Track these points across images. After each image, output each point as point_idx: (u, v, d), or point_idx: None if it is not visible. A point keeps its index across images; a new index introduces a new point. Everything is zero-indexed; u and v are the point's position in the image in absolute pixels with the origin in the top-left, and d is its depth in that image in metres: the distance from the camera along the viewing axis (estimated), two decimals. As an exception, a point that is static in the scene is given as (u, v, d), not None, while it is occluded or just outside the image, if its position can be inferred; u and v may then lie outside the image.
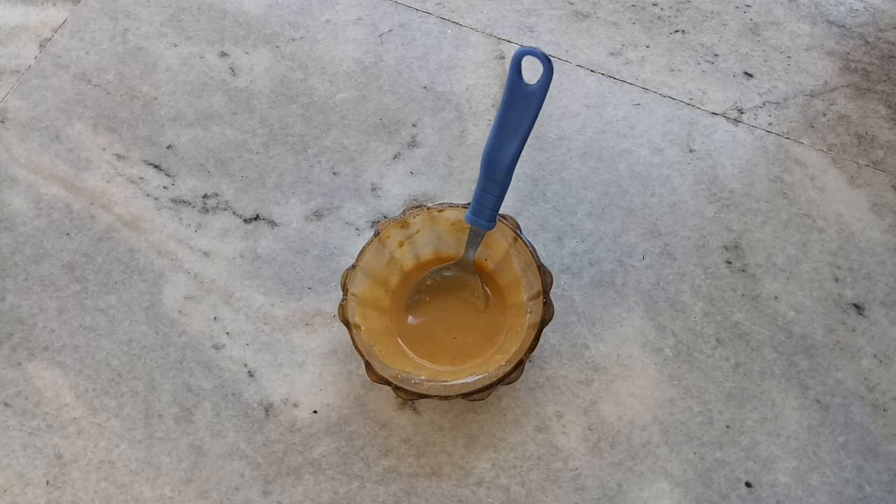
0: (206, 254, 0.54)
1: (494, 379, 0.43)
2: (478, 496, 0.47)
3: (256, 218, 0.56)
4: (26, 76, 0.62)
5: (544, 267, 0.45)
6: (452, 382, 0.45)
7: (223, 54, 0.62)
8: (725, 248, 0.54)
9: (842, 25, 0.63)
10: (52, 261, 0.54)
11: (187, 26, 0.64)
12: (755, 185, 0.56)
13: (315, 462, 0.48)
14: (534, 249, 0.46)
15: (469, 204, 0.46)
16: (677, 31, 0.63)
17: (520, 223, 0.49)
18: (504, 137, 0.43)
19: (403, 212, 0.48)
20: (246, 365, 0.51)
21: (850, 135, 0.58)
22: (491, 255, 0.49)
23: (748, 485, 0.47)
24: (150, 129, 0.59)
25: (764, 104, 0.59)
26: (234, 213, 0.56)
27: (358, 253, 0.47)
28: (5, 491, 0.47)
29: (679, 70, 0.61)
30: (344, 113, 0.60)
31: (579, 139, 0.58)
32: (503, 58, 0.62)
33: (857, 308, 0.52)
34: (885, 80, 0.60)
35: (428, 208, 0.48)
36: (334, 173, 0.57)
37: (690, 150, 0.58)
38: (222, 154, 0.58)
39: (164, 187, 0.57)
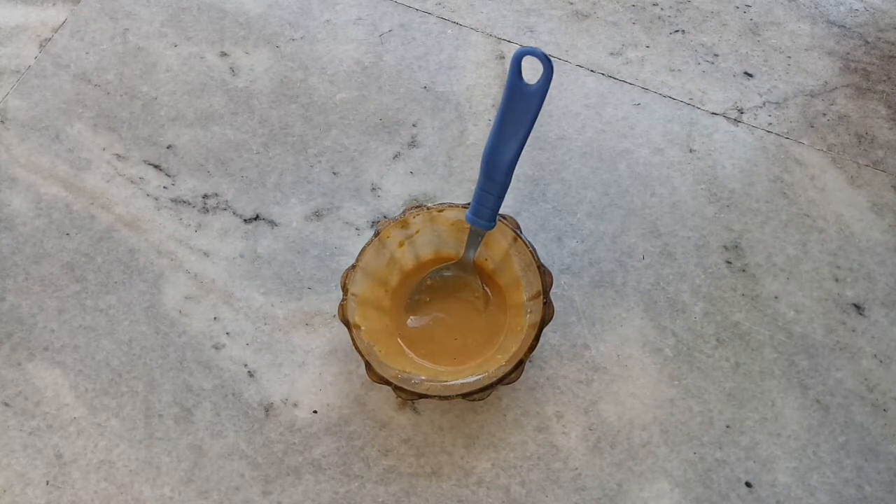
0: (206, 254, 0.54)
1: (494, 379, 0.43)
2: (478, 496, 0.47)
3: (256, 218, 0.56)
4: (26, 76, 0.62)
5: (544, 267, 0.45)
6: (452, 382, 0.45)
7: (223, 54, 0.62)
8: (725, 248, 0.54)
9: (842, 25, 0.63)
10: (52, 261, 0.54)
11: (187, 26, 0.64)
12: (755, 185, 0.56)
13: (315, 462, 0.48)
14: (534, 249, 0.46)
15: (469, 204, 0.46)
16: (677, 31, 0.63)
17: (520, 223, 0.49)
18: (504, 137, 0.43)
19: (403, 212, 0.48)
20: (246, 365, 0.51)
21: (850, 135, 0.58)
22: (491, 255, 0.49)
23: (748, 485, 0.47)
24: (150, 129, 0.59)
25: (764, 104, 0.59)
26: (234, 213, 0.56)
27: (358, 253, 0.47)
28: (5, 491, 0.47)
29: (679, 70, 0.61)
30: (344, 113, 0.60)
31: (579, 139, 0.58)
32: (503, 58, 0.62)
33: (857, 308, 0.52)
34: (885, 80, 0.60)
35: (428, 208, 0.48)
36: (334, 173, 0.57)
37: (690, 150, 0.58)
38: (222, 154, 0.58)
39: (164, 187, 0.57)
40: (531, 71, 0.41)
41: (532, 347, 0.43)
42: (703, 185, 0.56)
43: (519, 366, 0.43)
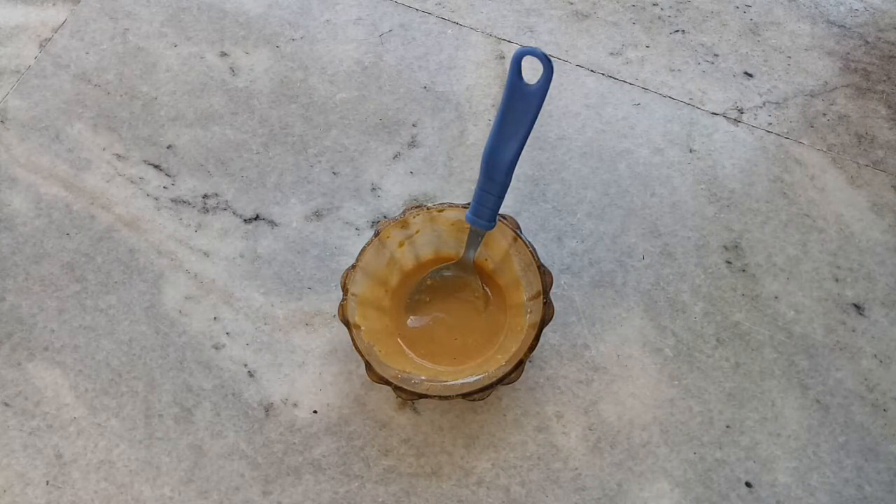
0: (206, 254, 0.54)
1: (494, 379, 0.43)
2: (478, 496, 0.47)
3: (256, 218, 0.56)
4: (26, 76, 0.62)
5: (544, 267, 0.45)
6: (452, 382, 0.45)
7: (223, 54, 0.62)
8: (725, 248, 0.54)
9: (842, 25, 0.63)
10: (52, 261, 0.54)
11: (187, 26, 0.64)
12: (755, 185, 0.56)
13: (315, 462, 0.48)
14: (534, 249, 0.46)
15: (469, 204, 0.46)
16: (677, 31, 0.63)
17: (520, 223, 0.49)
18: (504, 137, 0.43)
19: (403, 212, 0.48)
20: (246, 365, 0.51)
21: (850, 135, 0.58)
22: (491, 255, 0.49)
23: (748, 485, 0.47)
24: (150, 129, 0.59)
25: (764, 104, 0.59)
26: (234, 213, 0.56)
27: (358, 253, 0.47)
28: (5, 491, 0.47)
29: (679, 70, 0.61)
30: (344, 113, 0.60)
31: (579, 139, 0.58)
32: (503, 58, 0.62)
33: (857, 308, 0.52)
34: (885, 80, 0.60)
35: (428, 208, 0.48)
36: (334, 173, 0.57)
37: (690, 150, 0.58)
38: (222, 154, 0.58)
39: (164, 187, 0.57)
40: (531, 71, 0.41)
41: (532, 347, 0.43)
42: (703, 185, 0.56)
43: (519, 366, 0.43)
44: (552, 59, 0.51)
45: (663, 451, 0.48)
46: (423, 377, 0.46)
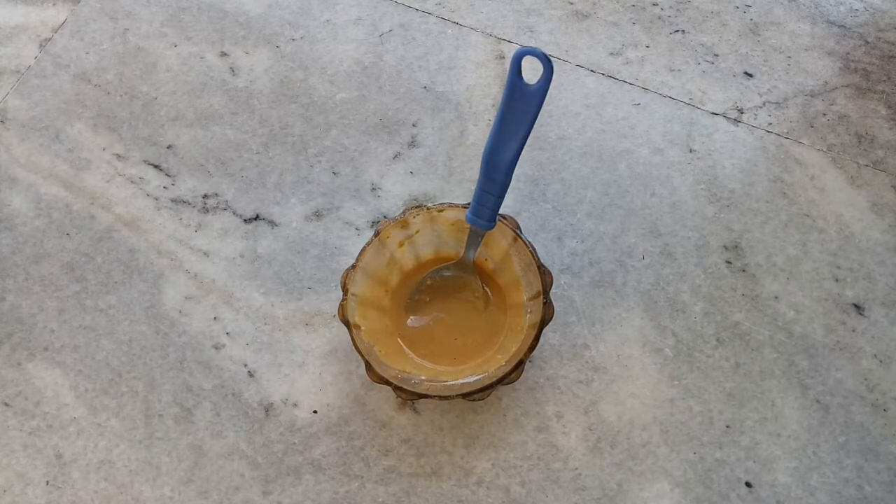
0: (206, 254, 0.54)
1: (494, 379, 0.43)
2: (478, 496, 0.47)
3: (256, 218, 0.56)
4: (26, 76, 0.62)
5: (544, 267, 0.45)
6: (452, 382, 0.45)
7: (223, 54, 0.62)
8: (725, 248, 0.54)
9: (842, 25, 0.63)
10: (52, 261, 0.54)
11: (187, 26, 0.64)
12: (755, 185, 0.56)
13: (315, 462, 0.48)
14: (534, 249, 0.46)
15: (469, 204, 0.46)
16: (677, 31, 0.63)
17: (520, 223, 0.49)
18: (504, 137, 0.43)
19: (403, 212, 0.48)
20: (246, 365, 0.51)
21: (850, 135, 0.58)
22: (491, 255, 0.49)
23: (748, 485, 0.47)
24: (150, 129, 0.59)
25: (764, 104, 0.59)
26: (234, 213, 0.56)
27: (358, 253, 0.47)
28: (5, 491, 0.47)
29: (679, 70, 0.61)
30: (344, 113, 0.60)
31: (579, 139, 0.58)
32: (503, 58, 0.62)
33: (857, 308, 0.52)
34: (885, 80, 0.60)
35: (428, 208, 0.48)
36: (334, 173, 0.57)
37: (690, 150, 0.58)
38: (222, 154, 0.58)
39: (164, 187, 0.57)
40: (531, 71, 0.41)
41: (532, 347, 0.43)
42: (703, 185, 0.56)
43: (519, 366, 0.43)
44: (552, 59, 0.51)
45: (663, 451, 0.48)
46: (423, 377, 0.46)
